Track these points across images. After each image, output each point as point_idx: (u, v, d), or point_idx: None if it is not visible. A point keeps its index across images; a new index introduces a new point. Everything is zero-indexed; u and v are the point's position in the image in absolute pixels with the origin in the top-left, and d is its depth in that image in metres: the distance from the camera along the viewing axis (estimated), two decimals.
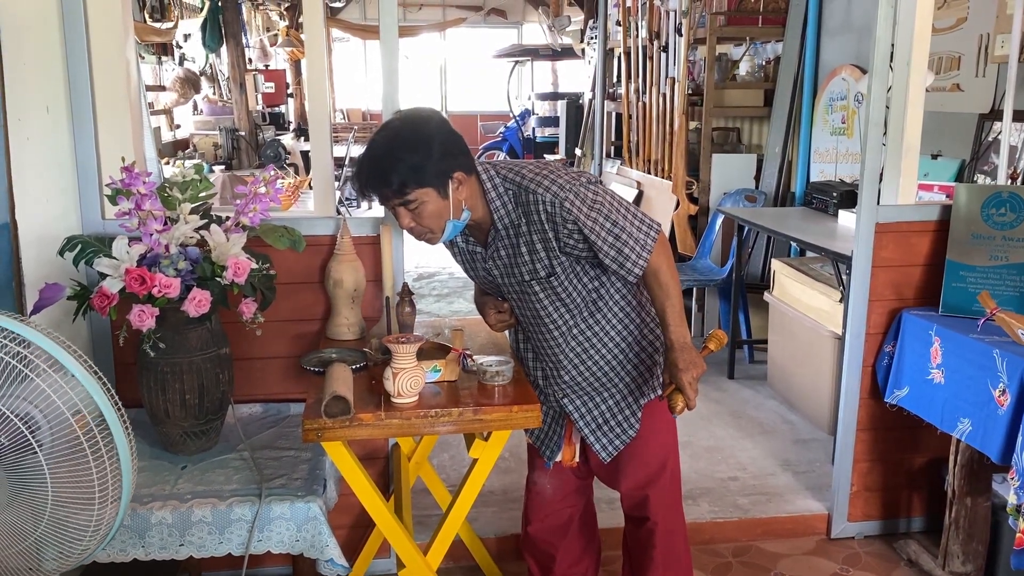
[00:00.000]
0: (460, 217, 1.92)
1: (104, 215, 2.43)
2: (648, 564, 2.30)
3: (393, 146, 1.84)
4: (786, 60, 5.15)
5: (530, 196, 1.93)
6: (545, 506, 2.35)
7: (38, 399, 1.53)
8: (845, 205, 3.98)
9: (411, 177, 1.82)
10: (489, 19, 13.50)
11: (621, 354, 2.11)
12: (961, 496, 2.63)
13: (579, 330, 2.08)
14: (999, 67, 3.49)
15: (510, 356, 2.17)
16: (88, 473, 1.54)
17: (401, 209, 1.87)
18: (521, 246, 1.98)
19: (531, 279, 2.01)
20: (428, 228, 1.90)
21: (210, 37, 6.66)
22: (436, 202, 1.87)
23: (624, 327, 2.11)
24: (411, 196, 1.84)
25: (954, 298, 2.70)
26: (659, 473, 2.25)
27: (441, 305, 6.18)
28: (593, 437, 2.16)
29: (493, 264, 2.05)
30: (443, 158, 1.86)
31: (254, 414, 2.50)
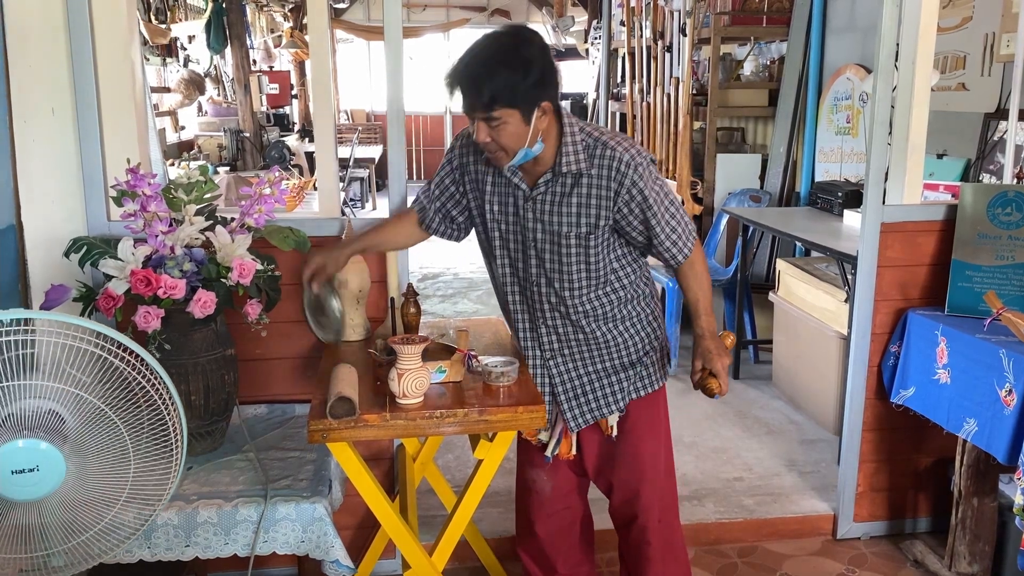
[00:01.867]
0: (534, 147, 1.93)
1: (109, 217, 2.43)
2: (645, 563, 2.30)
3: (494, 59, 1.84)
4: (790, 60, 5.14)
5: (606, 151, 1.96)
6: (546, 505, 2.34)
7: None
8: (850, 205, 3.97)
9: (503, 94, 1.83)
10: (493, 20, 13.49)
11: (619, 336, 2.13)
12: (967, 496, 2.62)
13: (588, 298, 2.08)
14: (1004, 66, 3.48)
15: (515, 356, 2.17)
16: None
17: (482, 123, 1.89)
18: (574, 196, 1.99)
19: (569, 231, 2.00)
20: (502, 148, 1.91)
21: (214, 39, 6.66)
22: (518, 125, 1.88)
23: (631, 313, 2.13)
24: (496, 113, 1.85)
25: (960, 298, 2.69)
26: (653, 470, 2.25)
27: (446, 306, 6.18)
28: (567, 404, 2.16)
29: (532, 206, 2.02)
30: (537, 85, 1.86)
31: (259, 415, 2.50)
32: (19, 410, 1.56)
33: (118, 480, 1.70)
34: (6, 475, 1.56)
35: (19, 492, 1.58)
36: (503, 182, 2.06)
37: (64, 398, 1.61)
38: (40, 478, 1.59)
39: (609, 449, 2.24)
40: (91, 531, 1.69)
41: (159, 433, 1.72)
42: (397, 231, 2.29)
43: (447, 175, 2.18)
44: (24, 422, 1.58)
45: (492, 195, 2.08)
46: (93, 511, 1.69)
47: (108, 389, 1.66)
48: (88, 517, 1.69)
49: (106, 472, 1.69)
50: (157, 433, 1.72)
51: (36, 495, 1.60)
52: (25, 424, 1.59)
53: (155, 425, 1.72)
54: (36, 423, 1.60)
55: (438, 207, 2.22)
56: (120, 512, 1.71)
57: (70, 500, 1.65)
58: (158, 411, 1.71)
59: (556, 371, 2.15)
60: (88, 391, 1.62)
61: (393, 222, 2.32)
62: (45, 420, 1.60)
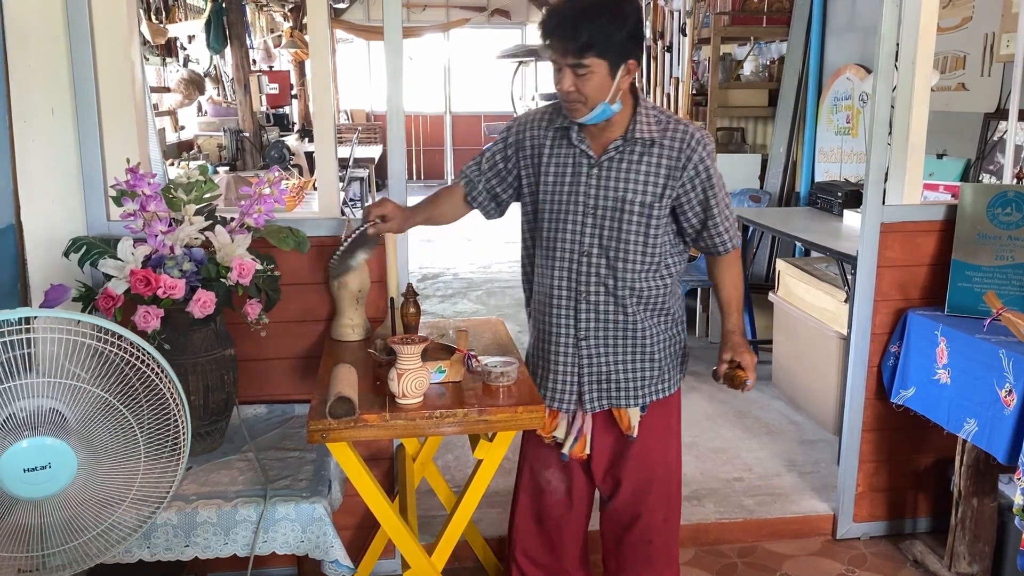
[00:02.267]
0: (613, 104, 1.97)
1: (109, 216, 2.43)
2: (645, 563, 2.30)
3: (595, 6, 1.88)
4: (790, 60, 5.14)
5: (678, 126, 2.05)
6: (560, 506, 2.33)
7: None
8: (850, 205, 3.98)
9: (598, 41, 1.87)
10: (493, 20, 13.49)
11: (655, 327, 2.15)
12: (967, 497, 2.62)
13: (639, 277, 2.09)
14: (1004, 66, 3.49)
15: (515, 357, 2.17)
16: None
17: (568, 70, 1.92)
18: (643, 163, 2.03)
19: (634, 197, 2.03)
20: (584, 98, 1.94)
21: (214, 39, 6.66)
22: (603, 78, 1.92)
23: (669, 308, 2.17)
24: (587, 61, 1.89)
25: (960, 298, 2.69)
26: (665, 470, 2.27)
27: (445, 306, 6.18)
28: (588, 387, 2.15)
29: (598, 172, 2.05)
30: (630, 40, 1.92)
31: (259, 415, 2.50)
32: (20, 410, 1.56)
33: (128, 476, 1.70)
34: (18, 474, 1.57)
35: (32, 490, 1.59)
36: (563, 152, 2.08)
37: (68, 395, 1.61)
38: (52, 475, 1.60)
39: (623, 448, 2.23)
40: (94, 531, 1.69)
41: (163, 430, 1.73)
42: (448, 205, 2.28)
43: (498, 151, 2.20)
44: (27, 421, 1.59)
45: (548, 165, 2.10)
46: (96, 511, 1.69)
47: (113, 385, 1.66)
48: (91, 517, 1.69)
49: (116, 468, 1.69)
50: (161, 430, 1.72)
51: (48, 492, 1.61)
52: (28, 423, 1.59)
53: (159, 422, 1.72)
54: (39, 421, 1.60)
55: (484, 183, 2.23)
56: (125, 511, 1.72)
57: (79, 498, 1.66)
58: (162, 408, 1.71)
59: (587, 352, 2.13)
60: (95, 387, 1.62)
61: (444, 196, 2.29)
62: (48, 418, 1.60)
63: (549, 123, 2.12)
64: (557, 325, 2.14)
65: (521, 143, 2.16)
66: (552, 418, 2.21)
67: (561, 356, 2.15)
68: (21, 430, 1.57)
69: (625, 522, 2.31)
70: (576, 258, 2.09)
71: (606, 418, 2.22)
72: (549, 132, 2.11)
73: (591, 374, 2.15)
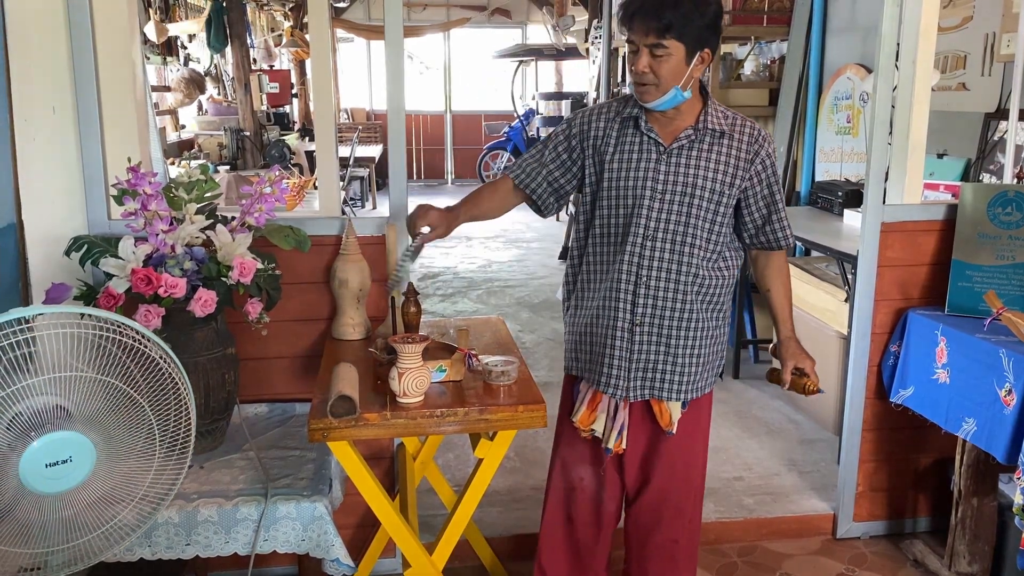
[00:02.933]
0: (685, 91, 2.00)
1: (110, 215, 2.44)
2: (670, 563, 2.29)
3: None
4: (791, 59, 5.14)
5: (745, 122, 2.12)
6: (592, 503, 2.30)
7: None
8: (851, 204, 3.97)
9: (680, 24, 1.91)
10: (493, 19, 13.49)
11: (709, 321, 2.16)
12: (967, 496, 2.62)
13: (703, 262, 2.10)
14: (1005, 66, 3.49)
15: (515, 356, 2.17)
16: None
17: (645, 50, 1.95)
18: (714, 153, 2.07)
19: (705, 184, 2.06)
20: (657, 80, 1.97)
21: (215, 38, 6.67)
22: (679, 63, 1.95)
23: (723, 305, 2.19)
24: (666, 42, 1.93)
25: (960, 298, 2.69)
26: (695, 469, 2.27)
27: (446, 305, 6.18)
28: (634, 374, 2.13)
29: (668, 159, 2.07)
30: (709, 28, 1.97)
31: (260, 414, 2.50)
32: (27, 408, 1.57)
33: (143, 467, 1.72)
34: (40, 469, 1.57)
35: (53, 485, 1.59)
36: (631, 140, 2.10)
37: (80, 388, 1.61)
38: (72, 469, 1.61)
39: (656, 444, 2.22)
40: (101, 529, 1.69)
41: (171, 419, 1.74)
42: (495, 201, 2.26)
43: (561, 143, 2.20)
44: (34, 420, 1.59)
45: (616, 153, 2.11)
46: (103, 507, 1.69)
47: (123, 375, 1.67)
48: (96, 514, 1.69)
49: (133, 458, 1.71)
50: (170, 419, 1.74)
51: (69, 485, 1.61)
52: (35, 421, 1.59)
53: (167, 410, 1.73)
54: (47, 419, 1.60)
55: (546, 175, 2.21)
56: (135, 507, 1.72)
57: (97, 490, 1.67)
58: (174, 396, 1.73)
59: (639, 339, 2.12)
60: (110, 376, 1.63)
61: (487, 193, 2.27)
62: (55, 415, 1.61)
63: (616, 113, 2.14)
64: (615, 309, 2.12)
65: (586, 133, 2.16)
66: (590, 411, 2.19)
67: (617, 341, 2.12)
68: (34, 428, 1.58)
69: (652, 521, 2.28)
70: (641, 242, 2.09)
71: (643, 413, 2.20)
72: (616, 121, 2.13)
73: (639, 361, 2.13)
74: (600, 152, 2.14)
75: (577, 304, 2.24)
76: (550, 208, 2.26)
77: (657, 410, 2.17)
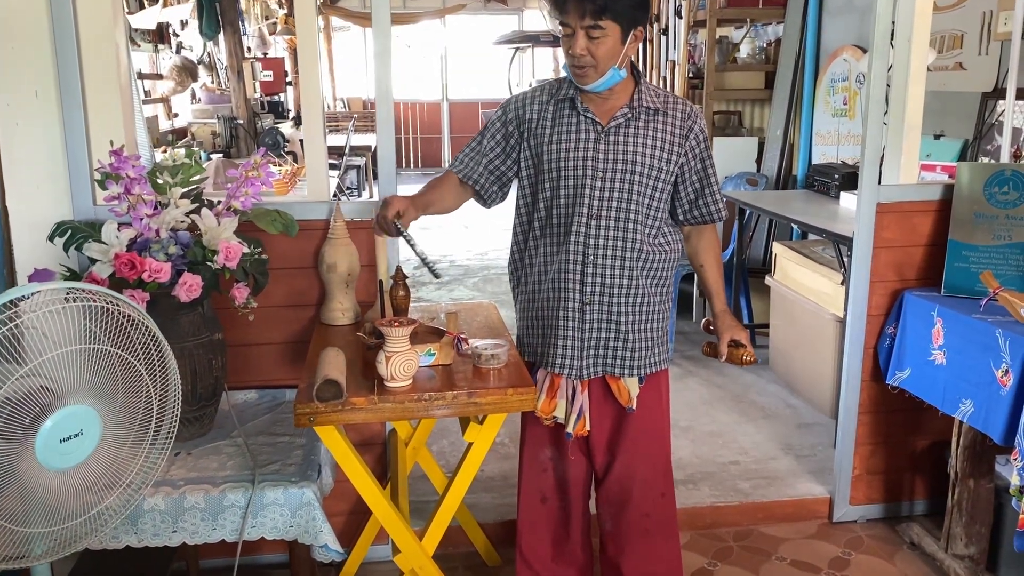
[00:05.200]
0: (621, 70, 2.04)
1: (95, 201, 2.40)
2: (643, 536, 2.31)
3: None
4: (787, 42, 5.10)
5: (677, 99, 2.17)
6: (561, 482, 2.33)
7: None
8: (847, 187, 3.95)
9: (614, 5, 1.94)
10: (489, 6, 13.40)
11: (655, 297, 2.21)
12: (964, 478, 2.60)
13: (647, 236, 2.15)
14: (1002, 45, 3.45)
15: (505, 340, 2.15)
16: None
17: (582, 33, 1.98)
18: (650, 130, 2.11)
19: (644, 160, 2.10)
20: (595, 62, 2.00)
21: (206, 24, 6.59)
22: (615, 43, 2.00)
23: (666, 281, 2.24)
24: (603, 23, 1.96)
25: (956, 278, 2.66)
26: (659, 444, 2.30)
27: (442, 292, 6.15)
28: (588, 351, 2.17)
29: (606, 138, 2.10)
30: (639, 6, 2.01)
31: (249, 400, 2.47)
32: (20, 390, 1.55)
33: (139, 438, 1.72)
34: (56, 447, 1.57)
35: (64, 460, 1.60)
36: (566, 122, 2.13)
37: (72, 363, 1.60)
38: (82, 442, 1.61)
39: (620, 422, 2.26)
40: (85, 515, 1.67)
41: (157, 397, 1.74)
42: (443, 191, 2.25)
43: (497, 131, 2.22)
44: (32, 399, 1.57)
45: (553, 135, 2.13)
46: (88, 493, 1.67)
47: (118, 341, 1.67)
48: (81, 500, 1.67)
49: (131, 430, 1.71)
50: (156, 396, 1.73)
51: (78, 460, 1.62)
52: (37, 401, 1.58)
53: (154, 372, 1.73)
54: (42, 399, 1.59)
55: (487, 164, 2.22)
56: (123, 491, 1.71)
57: (101, 465, 1.67)
58: (162, 368, 1.73)
59: (589, 317, 2.15)
60: (106, 345, 1.62)
61: (438, 185, 2.25)
62: (46, 396, 1.59)
63: (551, 96, 2.16)
64: (565, 290, 2.15)
65: (521, 117, 2.18)
66: (550, 399, 2.19)
67: (569, 321, 2.15)
68: (42, 408, 1.57)
69: (622, 498, 2.31)
70: (586, 221, 2.11)
71: (602, 393, 2.23)
72: (550, 104, 2.16)
73: (590, 340, 2.17)
74: (536, 136, 2.16)
75: (526, 288, 2.26)
76: (494, 198, 2.27)
77: (615, 387, 2.22)
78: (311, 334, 2.42)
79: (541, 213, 2.18)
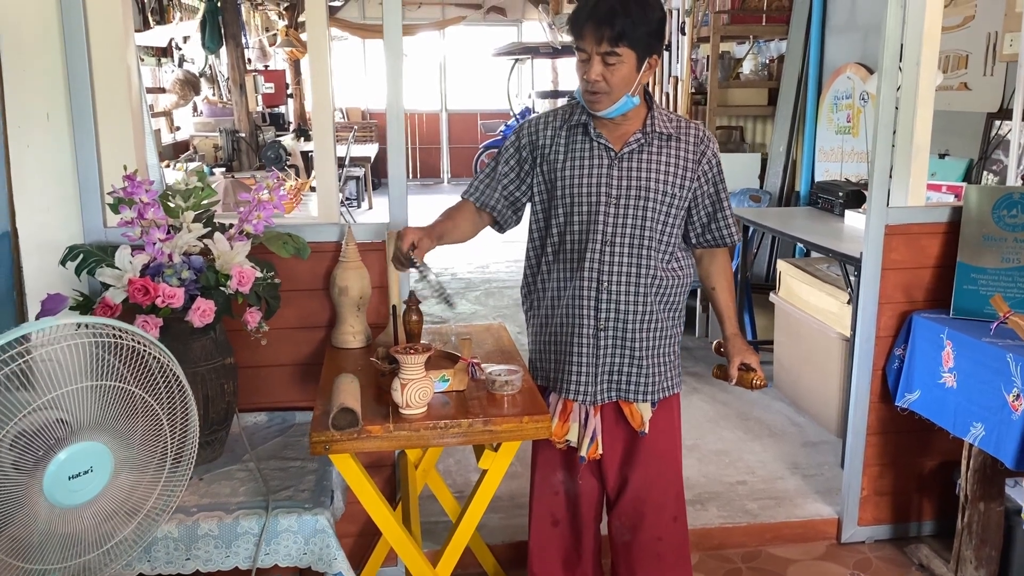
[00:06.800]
0: (634, 97, 2.05)
1: (106, 223, 2.40)
2: (656, 561, 2.30)
3: (631, 1, 1.96)
4: (790, 58, 5.12)
5: (689, 124, 2.18)
6: (573, 505, 2.33)
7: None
8: (851, 205, 3.95)
9: (631, 32, 1.95)
10: (489, 17, 13.44)
11: (668, 321, 2.21)
12: (974, 501, 2.60)
13: (662, 262, 2.15)
14: (1007, 65, 3.46)
15: (518, 364, 2.15)
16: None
17: (598, 59, 1.98)
18: (663, 155, 2.11)
19: (658, 186, 2.10)
20: (609, 89, 2.00)
21: (209, 38, 6.61)
22: (630, 70, 2.00)
23: (679, 305, 2.24)
24: (619, 50, 1.96)
25: (965, 301, 2.67)
26: (672, 468, 2.30)
27: (444, 306, 6.14)
28: (603, 377, 2.17)
29: (620, 164, 2.10)
30: (655, 35, 2.01)
31: (259, 423, 2.47)
32: (30, 424, 1.54)
33: (155, 473, 1.70)
34: (64, 483, 1.56)
35: (74, 497, 1.58)
36: (579, 148, 2.13)
37: (84, 399, 1.59)
38: (93, 479, 1.59)
39: (632, 445, 2.25)
40: (104, 547, 1.66)
41: (177, 430, 1.72)
42: (459, 219, 2.25)
43: (511, 156, 2.22)
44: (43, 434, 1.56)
45: (567, 160, 2.13)
46: (105, 524, 1.66)
47: (133, 378, 1.65)
48: (98, 531, 1.66)
49: (145, 465, 1.70)
50: (176, 430, 1.72)
51: (88, 497, 1.60)
52: (46, 436, 1.57)
53: (173, 421, 1.72)
54: (54, 434, 1.57)
55: (502, 189, 2.22)
56: (141, 521, 1.70)
57: (114, 500, 1.66)
58: (181, 400, 1.71)
59: (603, 343, 2.15)
60: (119, 383, 1.61)
61: (454, 214, 2.25)
62: (59, 430, 1.58)
63: (563, 121, 2.17)
64: (579, 316, 2.15)
65: (535, 143, 2.19)
66: (563, 423, 2.19)
67: (584, 348, 2.15)
68: (52, 442, 1.56)
69: (634, 521, 2.31)
70: (600, 248, 2.12)
71: (615, 416, 2.23)
72: (563, 129, 2.16)
73: (604, 366, 2.17)
74: (550, 161, 2.16)
75: (539, 312, 2.26)
76: (509, 223, 2.28)
77: (627, 412, 2.21)
78: (322, 356, 2.42)
79: (554, 238, 2.18)
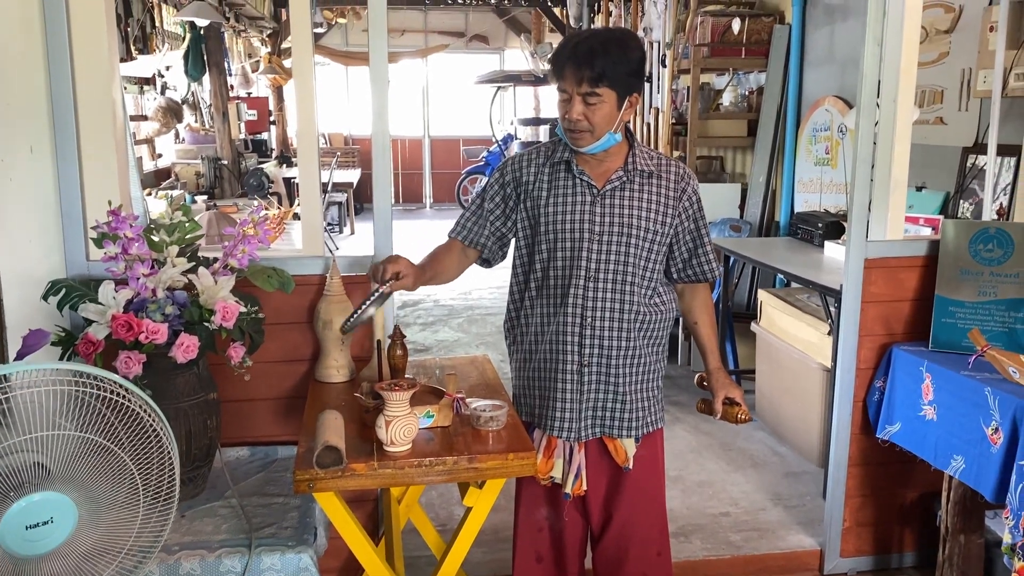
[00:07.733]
0: (616, 135, 2.08)
1: (89, 256, 2.39)
2: None
3: (610, 42, 2.02)
4: (769, 91, 5.19)
5: (670, 161, 2.20)
6: (557, 542, 2.32)
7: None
8: (831, 236, 4.00)
9: (611, 72, 1.99)
10: (471, 45, 13.55)
11: (652, 356, 2.22)
12: (955, 533, 2.62)
13: (645, 298, 2.17)
14: (981, 101, 3.53)
15: (503, 399, 2.15)
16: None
17: (578, 99, 2.02)
18: (645, 192, 2.14)
19: (640, 223, 2.12)
20: (592, 127, 2.04)
21: (192, 66, 6.62)
22: (611, 109, 2.04)
23: (662, 340, 2.26)
24: (599, 90, 2.00)
25: (944, 333, 2.70)
26: (656, 503, 2.31)
27: (427, 334, 6.14)
28: (587, 414, 2.18)
29: (603, 201, 2.12)
30: (635, 74, 2.06)
31: (242, 457, 2.45)
32: (3, 467, 1.51)
33: (127, 522, 1.66)
34: (20, 532, 1.52)
35: (33, 547, 1.54)
36: (562, 185, 2.15)
37: (56, 445, 1.56)
38: (53, 530, 1.55)
39: (617, 481, 2.25)
40: None
41: (154, 471, 1.69)
42: (448, 261, 2.26)
43: (496, 193, 2.24)
44: (11, 479, 1.53)
45: (550, 197, 2.15)
46: (83, 568, 1.63)
47: (101, 429, 1.62)
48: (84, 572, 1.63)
49: (116, 515, 1.65)
50: (153, 472, 1.68)
51: (49, 547, 1.56)
52: (13, 480, 1.54)
53: (150, 463, 1.68)
54: (25, 478, 1.54)
55: (490, 226, 2.25)
56: (124, 560, 1.66)
57: (81, 550, 1.61)
58: (156, 447, 1.67)
59: (587, 379, 2.16)
60: (86, 432, 1.58)
61: (441, 254, 2.27)
62: (33, 473, 1.55)
63: (546, 158, 2.19)
64: (563, 353, 2.16)
65: (519, 180, 2.20)
66: (547, 459, 2.19)
67: (568, 384, 2.16)
68: (13, 488, 1.52)
69: (619, 557, 2.30)
70: (583, 284, 2.13)
71: (599, 452, 2.23)
72: (546, 167, 2.18)
73: (588, 402, 2.17)
74: (533, 198, 2.18)
75: (522, 347, 2.27)
76: (496, 258, 2.31)
77: (611, 447, 2.22)
78: (305, 390, 2.41)
79: (537, 274, 2.19)
